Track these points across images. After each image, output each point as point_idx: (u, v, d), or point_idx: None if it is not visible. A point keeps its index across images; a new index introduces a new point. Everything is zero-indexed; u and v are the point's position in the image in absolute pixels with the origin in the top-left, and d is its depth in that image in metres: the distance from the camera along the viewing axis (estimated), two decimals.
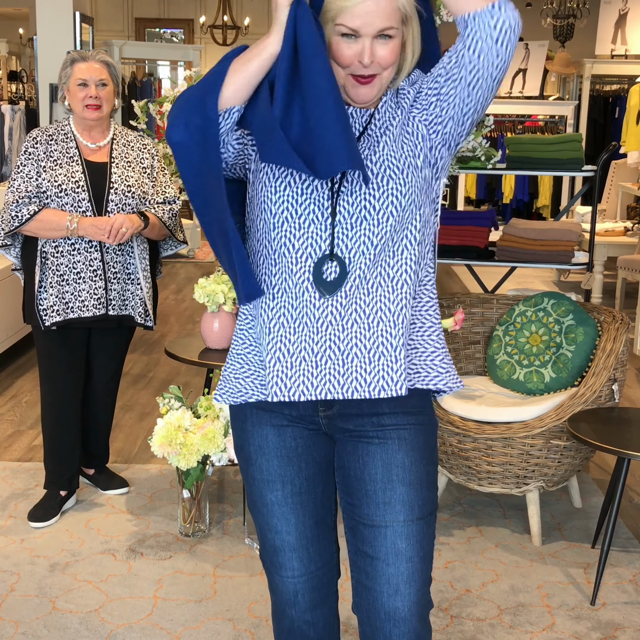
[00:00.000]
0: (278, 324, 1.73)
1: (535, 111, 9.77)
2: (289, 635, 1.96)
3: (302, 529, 1.85)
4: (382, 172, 1.70)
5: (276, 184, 1.72)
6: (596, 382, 3.20)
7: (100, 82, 3.25)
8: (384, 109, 1.76)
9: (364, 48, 1.66)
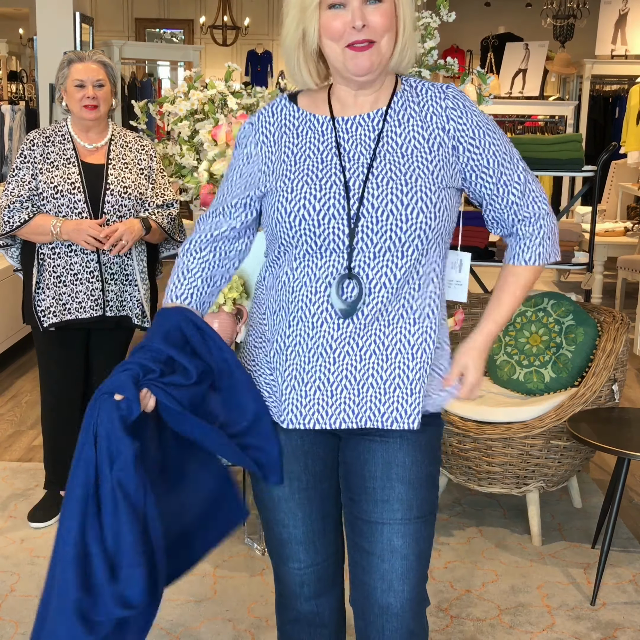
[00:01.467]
0: (294, 352, 1.74)
1: (535, 111, 9.76)
2: (295, 625, 1.96)
3: (309, 522, 1.87)
4: (411, 172, 1.70)
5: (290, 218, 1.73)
6: (596, 382, 3.20)
7: (97, 82, 3.25)
8: (403, 107, 1.75)
9: (354, 11, 1.63)
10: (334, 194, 1.69)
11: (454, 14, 3.48)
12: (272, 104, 1.83)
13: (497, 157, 1.76)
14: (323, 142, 1.74)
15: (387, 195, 1.68)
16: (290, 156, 1.75)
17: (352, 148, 1.73)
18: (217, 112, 3.71)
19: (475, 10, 12.55)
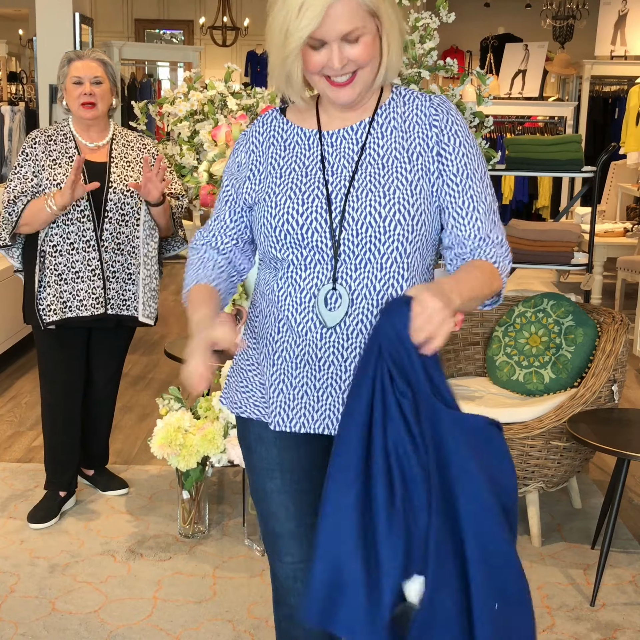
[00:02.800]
0: (281, 358, 1.78)
1: (534, 112, 9.76)
2: (289, 622, 1.98)
3: (301, 516, 1.88)
4: (390, 183, 1.70)
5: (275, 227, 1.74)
6: (596, 383, 3.20)
7: (94, 79, 3.25)
8: (387, 120, 1.76)
9: (333, 52, 1.64)
10: (316, 208, 1.72)
11: (454, 15, 3.48)
12: (265, 116, 1.86)
13: (467, 170, 1.74)
14: (309, 157, 1.77)
15: (365, 208, 1.69)
16: (276, 168, 1.79)
17: (336, 161, 1.75)
18: (217, 112, 3.71)
19: (474, 11, 12.55)
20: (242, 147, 1.86)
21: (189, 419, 3.16)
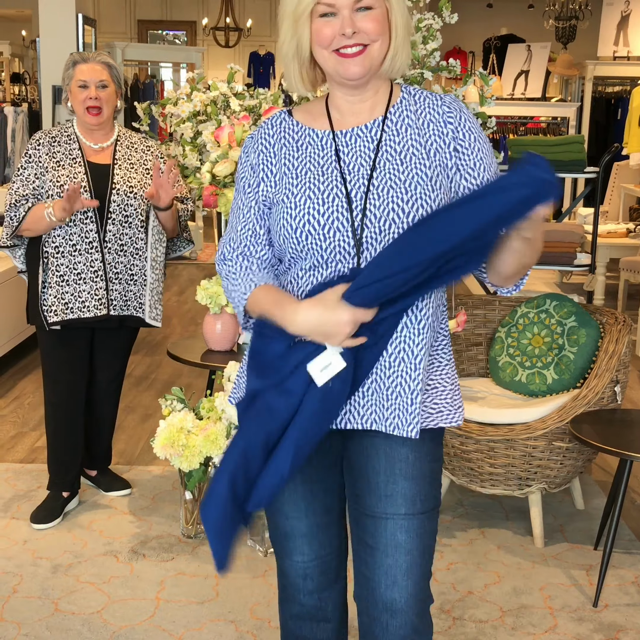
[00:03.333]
0: None
1: (537, 113, 9.76)
2: (298, 620, 1.97)
3: (312, 515, 1.88)
4: (410, 179, 1.71)
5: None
6: (598, 383, 3.20)
7: (100, 83, 3.25)
8: (400, 118, 1.77)
9: (344, 19, 1.66)
10: (337, 207, 1.71)
11: (456, 16, 3.48)
12: (272, 118, 1.85)
13: (484, 163, 1.77)
14: (323, 157, 1.77)
15: (388, 205, 1.69)
16: (291, 169, 1.78)
17: (351, 160, 1.75)
18: (220, 113, 3.71)
19: (477, 12, 12.55)
20: (251, 150, 1.84)
21: (192, 419, 3.16)
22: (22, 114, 9.82)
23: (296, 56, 1.75)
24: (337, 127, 1.79)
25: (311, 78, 1.80)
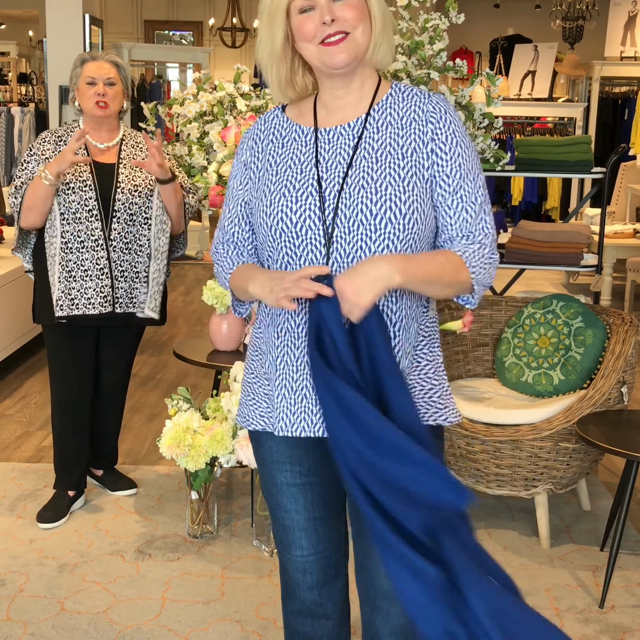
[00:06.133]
0: (283, 362, 1.78)
1: (544, 113, 9.75)
2: (298, 616, 1.98)
3: (311, 509, 1.89)
4: (382, 179, 1.71)
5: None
6: (605, 384, 3.20)
7: (108, 80, 3.26)
8: (383, 115, 1.76)
9: (322, 9, 1.68)
10: (309, 205, 1.72)
11: (463, 16, 3.47)
12: (267, 114, 1.88)
13: (461, 170, 1.74)
14: (304, 153, 1.78)
15: (357, 205, 1.69)
16: (273, 165, 1.80)
17: (331, 157, 1.75)
18: (226, 113, 3.71)
19: (484, 12, 12.53)
20: (245, 146, 1.87)
21: (198, 419, 3.17)
22: (29, 114, 9.84)
23: (272, 57, 1.76)
24: (322, 125, 1.79)
25: (300, 85, 1.81)
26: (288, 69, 1.78)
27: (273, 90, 1.82)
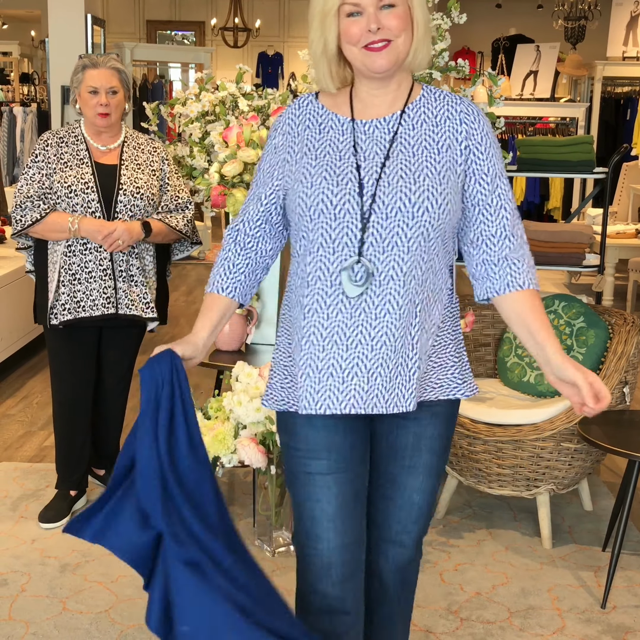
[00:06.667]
0: (309, 342, 1.85)
1: (546, 113, 9.74)
2: (318, 614, 1.99)
3: (342, 499, 1.93)
4: (420, 171, 1.81)
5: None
6: (607, 384, 3.19)
7: (110, 89, 3.27)
8: (417, 114, 1.88)
9: (369, 17, 1.78)
10: (349, 190, 1.81)
11: (465, 16, 3.48)
12: (301, 99, 1.95)
13: (496, 169, 1.89)
14: (342, 141, 1.87)
15: (396, 193, 1.80)
16: (311, 150, 1.88)
17: (368, 148, 1.85)
18: (228, 113, 3.71)
19: (486, 12, 12.53)
20: (279, 130, 1.94)
21: (200, 419, 3.17)
22: (31, 114, 9.85)
23: (324, 53, 1.86)
24: (358, 117, 1.88)
25: (341, 76, 1.90)
26: (336, 64, 1.88)
27: (320, 80, 1.91)
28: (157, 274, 3.48)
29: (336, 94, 1.92)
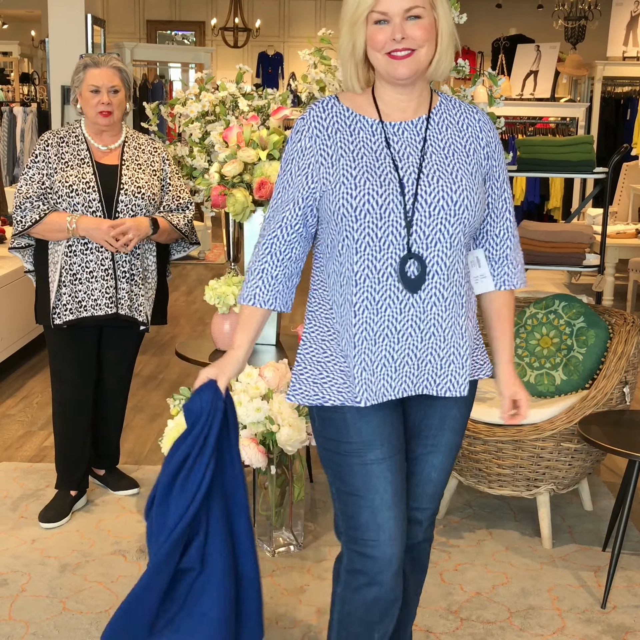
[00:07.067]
0: (362, 338, 1.93)
1: (546, 113, 9.73)
2: (374, 604, 2.03)
3: (396, 485, 1.99)
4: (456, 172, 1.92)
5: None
6: (607, 384, 3.20)
7: (112, 88, 3.27)
8: (441, 119, 1.97)
9: (395, 26, 1.85)
10: (392, 190, 1.88)
11: (465, 16, 3.47)
12: (322, 101, 1.98)
13: (504, 175, 2.05)
14: (375, 142, 1.92)
15: (438, 192, 1.89)
16: (347, 152, 1.92)
17: (401, 148, 1.92)
18: (228, 113, 3.71)
19: (486, 12, 12.54)
20: (304, 132, 1.95)
21: None
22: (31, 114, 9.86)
23: (352, 57, 1.93)
24: (385, 119, 1.95)
25: (365, 78, 1.96)
26: (363, 67, 1.95)
27: (347, 81, 1.97)
28: (158, 274, 3.48)
29: (357, 96, 1.97)
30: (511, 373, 2.11)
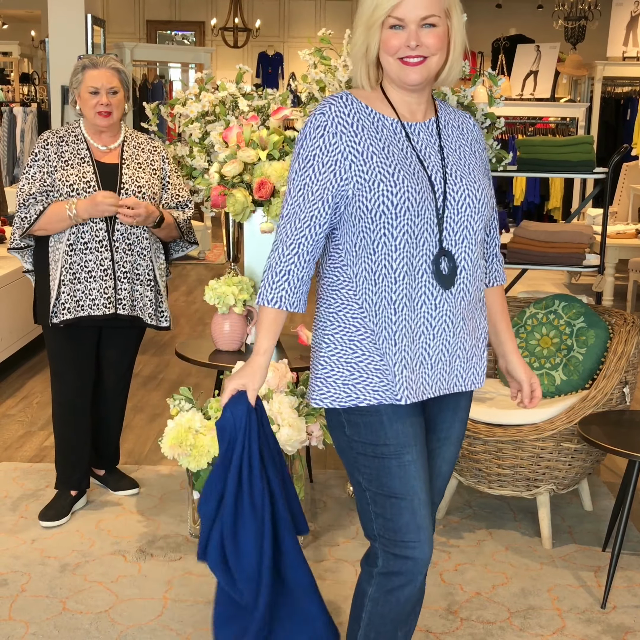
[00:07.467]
0: (402, 335, 1.95)
1: (546, 113, 9.74)
2: (406, 604, 2.05)
3: (427, 484, 2.02)
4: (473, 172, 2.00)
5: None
6: (607, 384, 3.20)
7: (111, 89, 3.27)
8: (445, 121, 2.04)
9: (410, 33, 1.88)
10: (426, 187, 1.92)
11: (465, 16, 3.47)
12: (340, 97, 1.95)
13: (489, 175, 2.10)
14: (398, 140, 1.95)
15: (464, 190, 1.95)
16: (378, 149, 1.92)
17: (422, 148, 1.96)
18: (228, 113, 3.71)
19: (486, 12, 12.54)
20: (328, 128, 1.91)
21: (200, 419, 3.17)
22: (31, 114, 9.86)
23: (364, 57, 1.95)
24: (402, 119, 1.98)
25: (375, 77, 1.98)
26: (374, 68, 1.96)
27: (357, 79, 1.99)
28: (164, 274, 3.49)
29: (369, 94, 1.99)
30: (522, 359, 2.20)
